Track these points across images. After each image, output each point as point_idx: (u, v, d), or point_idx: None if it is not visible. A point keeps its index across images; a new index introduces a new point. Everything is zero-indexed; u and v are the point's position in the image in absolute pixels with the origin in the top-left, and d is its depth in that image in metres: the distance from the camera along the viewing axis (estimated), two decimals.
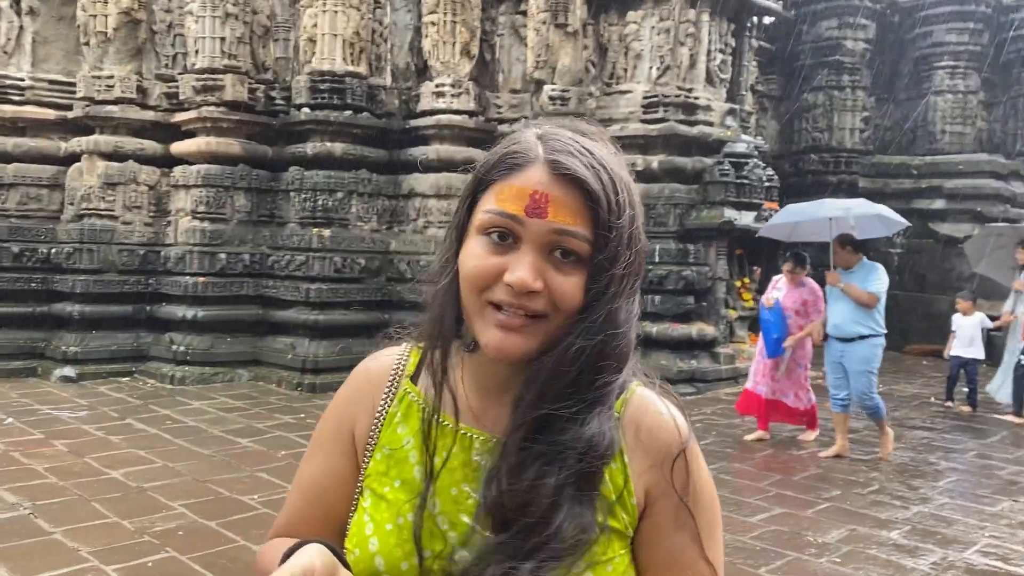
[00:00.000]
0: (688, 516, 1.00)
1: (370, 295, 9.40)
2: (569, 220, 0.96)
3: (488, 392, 1.06)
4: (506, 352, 0.97)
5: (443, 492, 1.02)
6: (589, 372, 0.97)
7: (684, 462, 1.00)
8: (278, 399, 8.21)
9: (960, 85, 15.04)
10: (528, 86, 9.90)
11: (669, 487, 0.99)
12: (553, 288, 0.96)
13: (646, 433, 1.02)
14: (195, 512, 4.85)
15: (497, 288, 0.97)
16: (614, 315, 0.97)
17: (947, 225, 13.83)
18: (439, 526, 1.00)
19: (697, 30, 9.55)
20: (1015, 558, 4.64)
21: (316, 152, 9.36)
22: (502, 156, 1.01)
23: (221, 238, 9.29)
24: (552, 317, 0.97)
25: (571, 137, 1.01)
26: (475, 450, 1.03)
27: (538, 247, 0.96)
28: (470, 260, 0.99)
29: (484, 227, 0.99)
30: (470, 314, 1.01)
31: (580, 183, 0.96)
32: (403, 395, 1.11)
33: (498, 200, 0.98)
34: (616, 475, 0.99)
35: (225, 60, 9.33)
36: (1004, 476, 6.37)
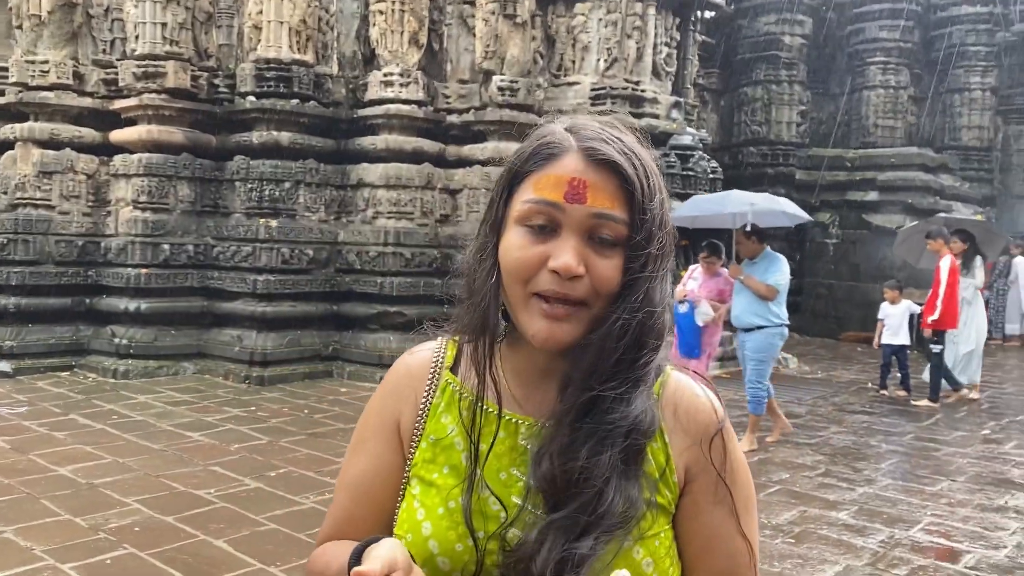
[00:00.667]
0: (726, 492, 1.05)
1: (318, 286, 9.31)
2: (608, 204, 1.00)
3: (529, 379, 1.09)
4: (554, 341, 1.00)
5: (491, 476, 1.05)
6: (632, 351, 1.01)
7: (721, 440, 1.05)
8: (226, 392, 8.08)
9: (891, 80, 15.54)
10: (477, 76, 9.89)
11: (708, 464, 1.04)
12: (594, 272, 0.99)
13: (684, 413, 1.06)
14: (150, 507, 4.76)
15: (540, 277, 1.00)
16: (651, 294, 1.02)
17: (880, 216, 14.27)
18: (491, 507, 1.03)
19: (644, 23, 9.67)
20: (956, 535, 4.85)
21: (262, 141, 9.21)
22: (536, 148, 1.04)
23: (164, 228, 9.09)
24: (593, 303, 1.01)
25: (599, 127, 1.06)
26: (521, 435, 1.06)
27: (578, 232, 1.00)
28: (512, 252, 1.02)
29: (524, 218, 1.02)
30: (514, 306, 1.04)
31: (615, 168, 1.01)
32: (445, 385, 1.14)
33: (536, 189, 1.01)
34: (658, 453, 1.03)
35: (166, 46, 9.10)
36: (941, 457, 6.64)
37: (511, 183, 1.06)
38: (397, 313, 9.14)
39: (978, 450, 6.92)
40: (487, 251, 1.07)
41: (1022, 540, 4.80)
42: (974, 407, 8.85)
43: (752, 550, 1.06)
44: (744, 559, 1.05)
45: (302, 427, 6.81)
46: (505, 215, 1.05)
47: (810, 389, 9.57)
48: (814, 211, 15.16)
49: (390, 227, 9.37)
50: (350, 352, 9.19)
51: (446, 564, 1.03)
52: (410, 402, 1.15)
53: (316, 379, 8.88)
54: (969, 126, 15.85)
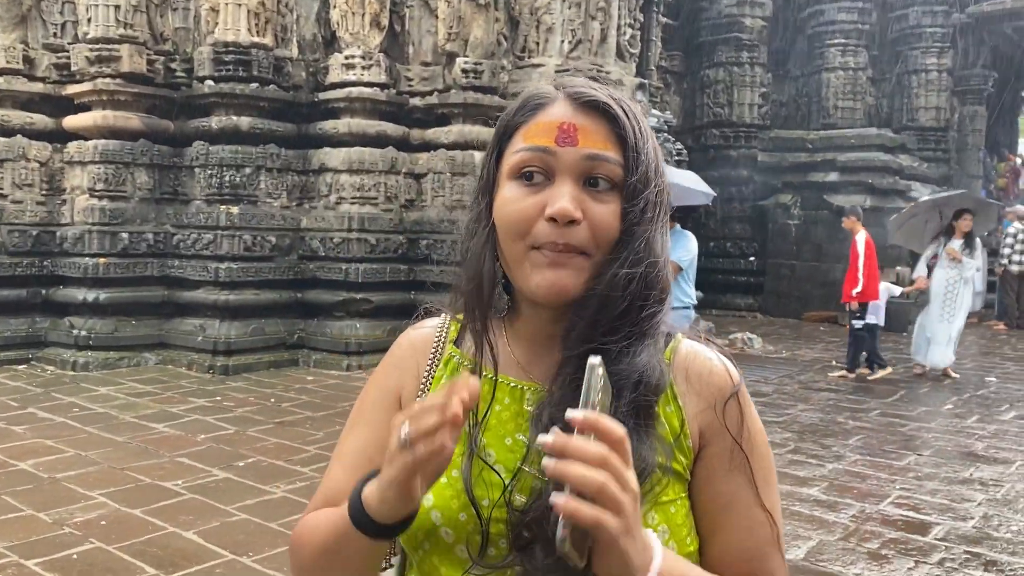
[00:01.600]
0: (743, 459, 1.01)
1: (282, 273, 9.17)
2: (600, 145, 0.98)
3: (534, 344, 1.06)
4: (559, 289, 0.97)
5: (497, 443, 1.02)
6: (637, 302, 0.98)
7: (737, 404, 1.02)
8: (190, 382, 7.94)
9: (851, 62, 15.71)
10: (440, 59, 9.77)
11: (723, 429, 1.00)
12: (592, 217, 0.97)
13: (696, 377, 1.03)
14: (117, 501, 4.65)
15: (538, 228, 0.97)
16: (652, 243, 0.99)
17: (841, 197, 14.41)
18: (495, 475, 1.00)
19: (607, 5, 9.62)
20: (924, 507, 4.92)
21: (222, 126, 9.02)
22: (523, 101, 1.04)
23: (122, 217, 8.87)
24: (593, 252, 0.97)
25: (585, 80, 1.05)
26: (527, 400, 1.03)
27: (573, 176, 0.97)
28: (507, 206, 1.00)
29: (516, 168, 1.00)
30: (513, 264, 1.01)
31: (604, 110, 0.99)
32: (448, 358, 1.12)
33: (526, 138, 1.00)
34: (672, 417, 1.00)
35: (120, 29, 8.86)
36: (906, 432, 6.74)
37: (500, 140, 1.04)
38: (363, 300, 9.04)
39: (942, 424, 7.04)
40: (481, 215, 1.05)
41: (988, 511, 4.88)
42: (936, 384, 9.01)
43: (775, 522, 1.02)
44: (765, 532, 1.01)
45: (269, 416, 6.71)
46: (497, 174, 1.04)
47: (776, 368, 9.66)
48: (776, 192, 15.32)
49: (354, 212, 9.25)
50: (316, 340, 9.08)
51: (450, 535, 0.99)
52: (412, 374, 1.12)
53: (282, 368, 8.75)
54: (926, 107, 16.08)
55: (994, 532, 4.55)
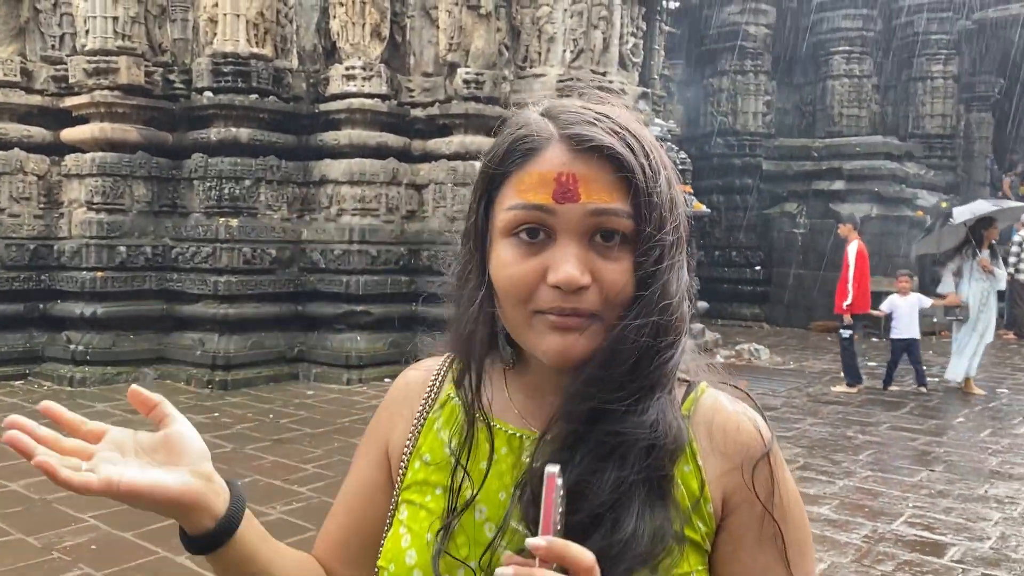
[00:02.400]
0: (774, 530, 0.88)
1: (282, 287, 9.06)
2: (605, 197, 0.84)
3: (537, 394, 0.95)
4: (568, 355, 0.85)
5: (491, 497, 0.91)
6: (648, 354, 0.85)
7: (768, 467, 0.89)
8: (188, 398, 7.83)
9: (855, 69, 15.59)
10: (441, 69, 9.69)
11: (751, 494, 0.88)
12: (602, 278, 0.84)
13: (720, 433, 0.91)
14: (108, 524, 4.53)
15: (541, 294, 0.85)
16: (667, 288, 0.87)
17: (847, 205, 14.29)
18: (486, 533, 0.89)
19: (610, 13, 9.53)
20: (939, 527, 4.78)
21: (221, 138, 8.93)
22: (512, 143, 0.89)
23: (120, 230, 8.78)
24: (606, 315, 0.85)
25: (581, 106, 0.90)
26: (525, 451, 0.92)
27: (577, 235, 0.85)
28: (504, 270, 0.87)
29: (510, 228, 0.87)
30: (516, 329, 0.89)
31: (607, 154, 0.85)
32: (446, 399, 1.01)
33: (519, 193, 0.86)
34: (690, 479, 0.88)
35: (118, 41, 8.79)
36: (918, 447, 6.59)
37: (488, 188, 0.91)
38: (364, 312, 8.93)
39: (954, 439, 6.89)
40: (470, 270, 0.93)
41: (1005, 530, 4.74)
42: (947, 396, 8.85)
43: None
44: None
45: (267, 433, 6.59)
46: (487, 226, 0.91)
47: (784, 380, 9.52)
48: (782, 201, 15.20)
49: (355, 224, 9.15)
50: (316, 353, 8.96)
51: None
52: (404, 417, 1.03)
53: (281, 382, 8.64)
54: (932, 114, 15.94)
55: (1012, 553, 4.41)
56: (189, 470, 0.83)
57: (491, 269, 0.89)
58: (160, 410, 0.85)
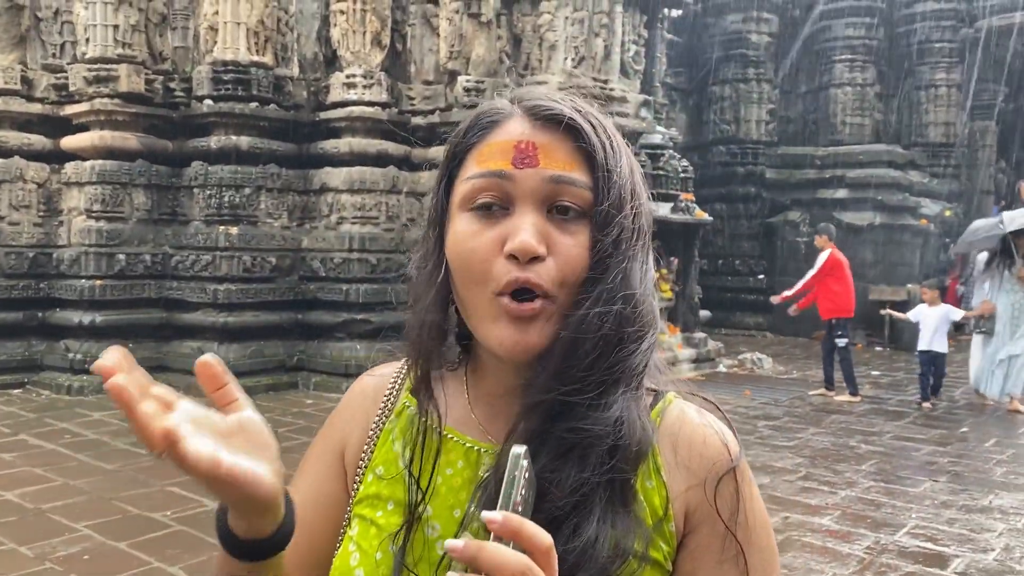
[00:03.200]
0: (736, 551, 0.83)
1: (282, 295, 9.03)
2: (565, 165, 0.83)
3: (496, 400, 0.90)
4: (523, 347, 0.81)
5: (444, 514, 0.87)
6: (611, 346, 0.81)
7: (733, 483, 0.84)
8: None
9: (858, 78, 15.56)
10: (442, 77, 9.67)
11: (713, 512, 0.83)
12: (559, 251, 0.81)
13: (686, 447, 0.86)
14: (101, 533, 4.48)
15: (497, 267, 0.81)
16: (629, 277, 0.83)
17: (849, 214, 14.25)
18: (438, 551, 0.85)
19: (611, 21, 9.51)
20: (943, 538, 4.71)
21: (221, 146, 8.91)
22: (474, 119, 0.89)
23: (119, 238, 8.76)
24: (559, 294, 0.81)
25: (546, 91, 0.90)
26: (482, 466, 0.88)
27: (535, 204, 0.82)
28: (459, 243, 0.84)
29: (468, 199, 0.84)
30: (471, 313, 0.85)
31: (567, 125, 0.84)
32: (402, 408, 0.96)
33: (479, 162, 0.85)
34: (652, 495, 0.83)
35: (119, 49, 8.78)
36: (921, 457, 6.53)
37: (450, 165, 0.89)
38: (363, 321, 8.89)
39: (958, 449, 6.83)
40: (430, 251, 0.90)
41: (1009, 542, 4.68)
42: (950, 406, 8.78)
43: None
44: None
45: None
46: (448, 205, 0.88)
47: (787, 389, 9.45)
48: (785, 210, 15.15)
49: (355, 232, 9.12)
50: (316, 362, 8.92)
51: None
52: (360, 426, 0.98)
53: (281, 391, 8.60)
54: (935, 122, 15.89)
55: (1016, 565, 4.35)
56: (270, 466, 0.75)
57: (447, 247, 0.86)
58: (229, 391, 0.76)
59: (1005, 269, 8.58)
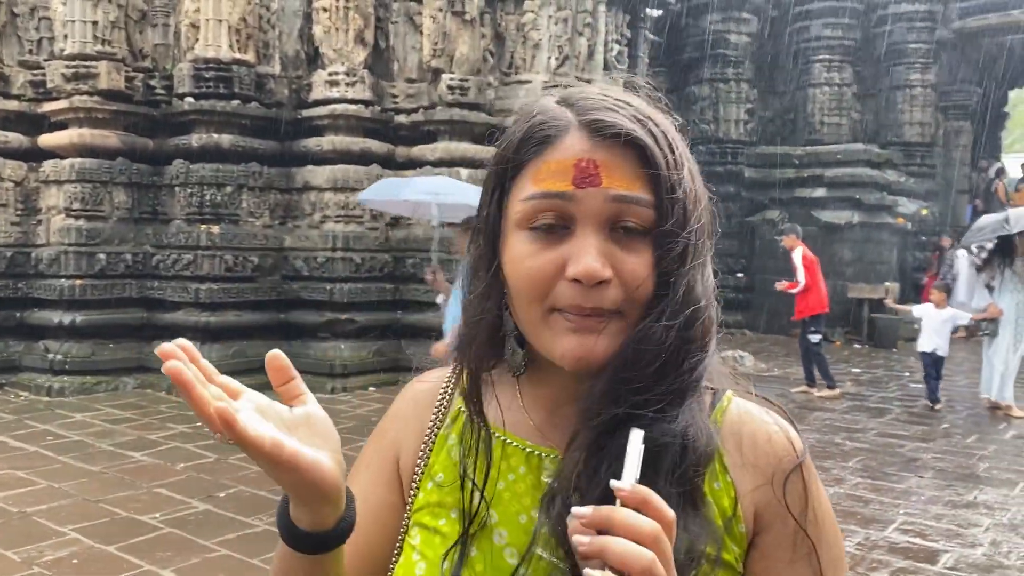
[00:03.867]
0: (809, 548, 0.83)
1: (264, 294, 8.96)
2: (627, 185, 0.80)
3: (554, 406, 0.89)
4: (587, 360, 0.80)
5: (510, 520, 0.86)
6: (676, 358, 0.80)
7: (801, 479, 0.84)
8: (170, 408, 7.69)
9: (836, 78, 15.70)
10: (425, 75, 9.63)
11: (783, 510, 0.83)
12: (623, 272, 0.79)
13: (751, 446, 0.85)
14: (89, 536, 4.42)
15: (559, 290, 0.80)
16: (692, 288, 0.82)
17: (828, 212, 14.36)
18: (506, 559, 0.84)
19: (594, 20, 9.53)
20: (931, 533, 4.77)
21: (202, 144, 8.82)
22: (527, 131, 0.84)
23: (99, 237, 8.64)
24: (628, 311, 0.80)
25: (599, 91, 0.86)
26: (544, 470, 0.87)
27: (598, 225, 0.80)
28: (519, 264, 0.82)
29: (527, 218, 0.82)
30: (530, 329, 0.84)
31: (629, 141, 0.80)
32: (456, 414, 0.94)
33: (536, 182, 0.82)
34: (721, 496, 0.82)
35: (98, 46, 8.67)
36: (906, 453, 6.59)
37: (502, 179, 0.86)
38: (348, 320, 8.84)
39: (941, 445, 6.90)
40: (482, 259, 0.88)
41: (996, 537, 4.74)
42: None
43: None
44: None
45: None
46: (501, 220, 0.85)
47: (769, 387, 9.50)
48: (764, 208, 15.25)
49: (338, 231, 9.06)
50: (299, 362, 8.84)
51: None
52: (414, 432, 0.96)
53: (264, 391, 8.41)
54: (911, 122, 16.07)
55: (1004, 560, 4.40)
56: (333, 458, 0.75)
57: (504, 265, 0.84)
58: (296, 386, 0.77)
59: (1006, 268, 8.37)
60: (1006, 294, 8.33)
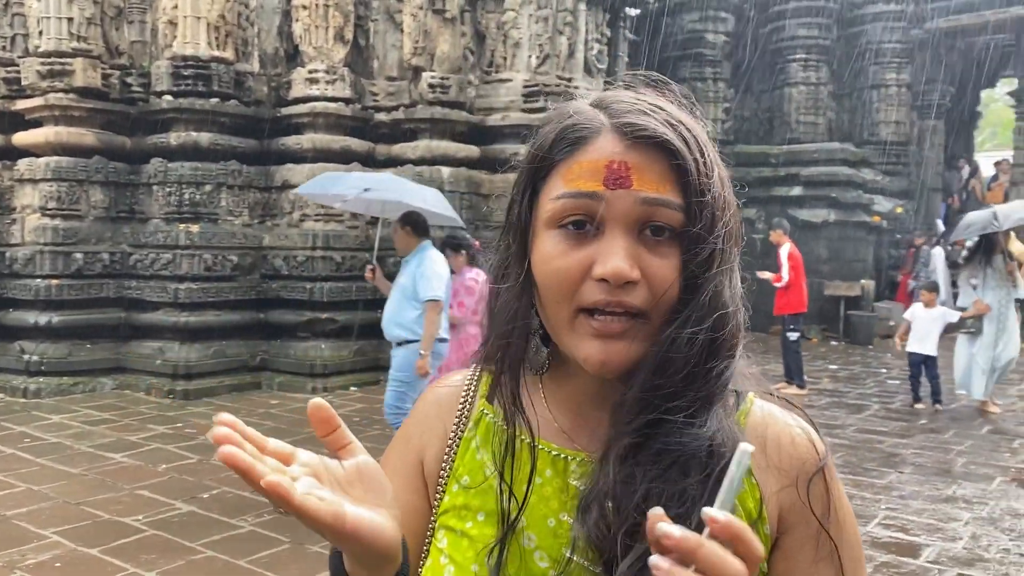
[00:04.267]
0: (829, 547, 0.84)
1: (244, 294, 8.89)
2: (658, 188, 0.80)
3: (579, 407, 0.90)
4: (611, 365, 0.81)
5: (538, 524, 0.86)
6: (703, 364, 0.81)
7: (823, 481, 0.85)
8: (149, 408, 7.62)
9: (812, 77, 15.84)
10: (406, 73, 9.61)
11: (807, 512, 0.84)
12: (651, 274, 0.80)
13: (775, 448, 0.86)
14: (72, 539, 4.37)
15: (586, 289, 0.81)
16: (720, 293, 0.82)
17: (805, 211, 14.49)
18: (537, 563, 0.84)
19: (575, 19, 9.55)
20: (913, 528, 4.83)
21: (181, 142, 8.74)
22: (560, 131, 0.85)
23: (76, 236, 8.54)
24: (653, 315, 0.81)
25: (633, 96, 0.87)
26: (571, 473, 0.87)
27: (626, 226, 0.80)
28: (548, 263, 0.82)
29: (556, 218, 0.82)
30: (556, 328, 0.84)
31: (661, 144, 0.81)
32: (479, 416, 0.94)
33: (567, 181, 0.82)
34: (746, 499, 0.83)
35: (74, 43, 8.56)
36: (885, 449, 6.67)
37: (534, 178, 0.86)
38: (328, 320, 8.80)
39: (919, 440, 6.99)
40: (510, 265, 0.88)
41: (976, 530, 4.80)
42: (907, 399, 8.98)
43: None
44: None
45: None
46: (531, 219, 0.86)
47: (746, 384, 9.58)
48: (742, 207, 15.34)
49: (318, 230, 9.01)
50: (279, 362, 8.80)
51: None
52: (437, 435, 0.96)
53: (244, 391, 8.47)
54: (886, 121, 16.25)
55: (985, 553, 4.47)
56: (389, 514, 0.73)
57: (533, 263, 0.85)
58: (342, 435, 0.73)
59: (987, 266, 8.34)
60: (988, 291, 8.31)
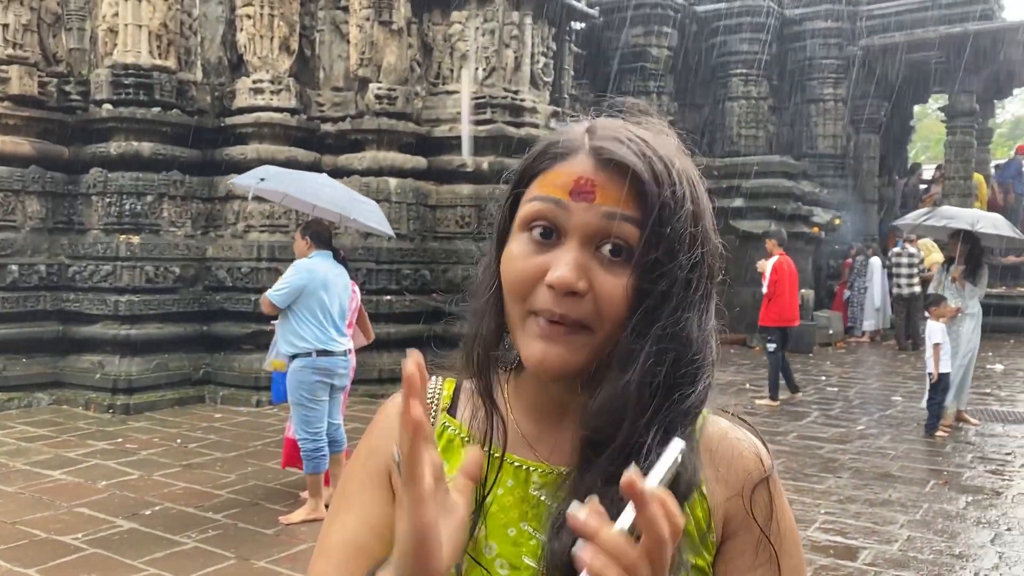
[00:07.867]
0: (770, 555, 0.89)
1: (187, 306, 8.75)
2: (618, 203, 0.84)
3: (541, 417, 0.93)
4: (547, 366, 0.84)
5: (498, 533, 0.88)
6: (664, 391, 0.83)
7: (767, 492, 0.90)
8: (88, 424, 7.45)
9: (753, 91, 16.20)
10: (352, 84, 9.58)
11: (749, 519, 0.89)
12: (598, 289, 0.83)
13: (725, 462, 0.91)
14: (8, 559, 4.26)
15: (537, 293, 0.84)
16: (685, 328, 0.84)
17: (746, 222, 14.77)
18: (498, 570, 0.87)
19: (521, 32, 9.63)
20: (851, 531, 4.96)
21: (121, 152, 8.58)
22: (545, 147, 0.90)
23: (12, 248, 8.32)
24: (597, 330, 0.84)
25: (622, 126, 0.90)
26: (532, 484, 0.90)
27: (584, 239, 0.84)
28: (511, 263, 0.87)
29: (526, 220, 0.87)
30: (512, 326, 0.88)
31: (628, 171, 0.84)
32: (441, 430, 0.96)
33: (541, 187, 0.87)
34: (696, 508, 0.88)
35: (9, 50, 8.37)
36: (824, 455, 6.84)
37: (517, 186, 0.91)
38: (273, 332, 8.68)
39: (856, 446, 7.18)
40: (490, 265, 0.92)
41: (911, 533, 4.96)
42: (846, 404, 9.22)
43: None
44: None
45: (176, 458, 6.33)
46: (511, 222, 0.91)
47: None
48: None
49: (263, 241, 8.92)
50: (223, 375, 8.68)
51: None
52: None
53: (187, 405, 8.33)
54: (824, 135, 16.69)
55: (918, 554, 4.62)
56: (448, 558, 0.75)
57: (503, 263, 0.89)
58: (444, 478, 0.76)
59: (946, 277, 8.21)
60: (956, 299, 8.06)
